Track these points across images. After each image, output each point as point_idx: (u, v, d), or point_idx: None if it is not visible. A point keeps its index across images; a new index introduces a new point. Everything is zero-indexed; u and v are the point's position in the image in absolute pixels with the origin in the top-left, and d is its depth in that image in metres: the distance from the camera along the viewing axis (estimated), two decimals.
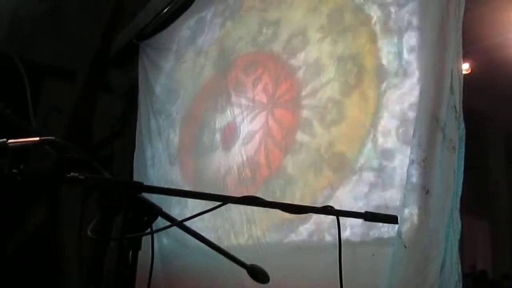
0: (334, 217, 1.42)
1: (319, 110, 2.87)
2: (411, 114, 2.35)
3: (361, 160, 2.56)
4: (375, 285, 2.24)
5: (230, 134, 3.51)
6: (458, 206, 2.12)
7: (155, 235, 1.22)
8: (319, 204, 2.50)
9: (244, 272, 1.26)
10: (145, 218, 1.20)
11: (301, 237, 2.77)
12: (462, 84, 2.20)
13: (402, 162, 2.34)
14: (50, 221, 4.87)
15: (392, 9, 2.62)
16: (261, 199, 1.35)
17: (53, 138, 1.25)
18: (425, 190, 2.13)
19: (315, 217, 2.68)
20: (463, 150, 2.17)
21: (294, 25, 3.22)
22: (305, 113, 2.97)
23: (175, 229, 1.26)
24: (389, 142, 2.47)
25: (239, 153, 3.36)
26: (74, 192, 4.58)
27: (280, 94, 3.21)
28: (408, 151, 2.25)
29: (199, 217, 1.21)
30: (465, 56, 2.39)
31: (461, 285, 2.05)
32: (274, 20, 3.40)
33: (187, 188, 3.79)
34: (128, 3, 5.11)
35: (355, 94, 2.71)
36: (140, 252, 1.20)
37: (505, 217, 7.93)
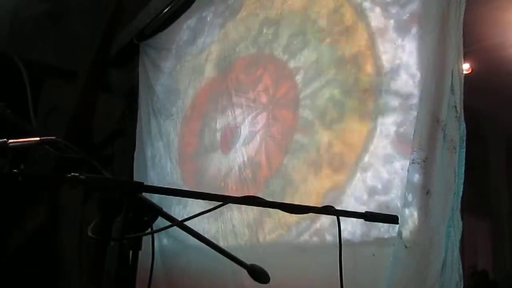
0: (334, 217, 1.42)
1: (320, 110, 2.87)
2: (412, 114, 2.35)
3: (361, 160, 2.56)
4: (375, 285, 2.24)
5: (230, 134, 3.52)
6: (459, 206, 2.12)
7: (155, 235, 1.22)
8: (319, 204, 2.50)
9: (244, 272, 1.26)
10: (145, 218, 1.20)
11: (301, 237, 2.77)
12: (462, 84, 2.20)
13: (402, 162, 2.34)
14: (50, 221, 4.87)
15: (392, 10, 2.62)
16: (262, 199, 1.35)
17: (53, 138, 1.25)
18: (425, 190, 2.12)
19: (315, 217, 2.68)
20: (464, 150, 2.17)
21: (294, 25, 3.22)
22: (305, 113, 2.97)
23: (175, 229, 1.26)
24: (389, 142, 2.47)
25: (240, 153, 3.36)
26: (74, 192, 4.59)
27: (280, 94, 3.21)
28: (408, 151, 2.25)
29: (200, 217, 1.21)
30: (466, 56, 2.39)
31: (462, 285, 2.05)
32: (274, 21, 3.40)
33: (187, 188, 3.79)
34: (128, 3, 5.10)
35: (355, 94, 2.71)
36: (140, 252, 1.20)
37: (506, 217, 7.93)
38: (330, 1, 3.01)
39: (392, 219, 1.54)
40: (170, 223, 1.23)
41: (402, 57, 2.52)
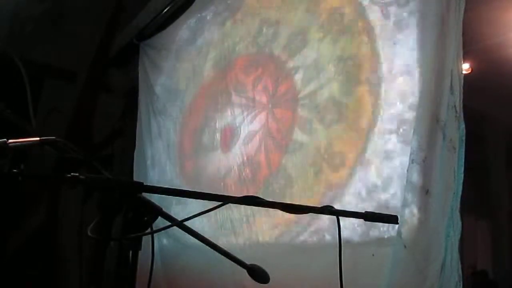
0: (334, 217, 1.42)
1: (319, 110, 2.87)
2: (411, 114, 2.35)
3: (361, 160, 2.56)
4: (375, 285, 2.24)
5: (230, 134, 3.52)
6: (458, 206, 2.12)
7: (155, 235, 1.22)
8: (319, 204, 2.50)
9: (244, 272, 1.26)
10: (145, 218, 1.20)
11: (301, 237, 2.77)
12: (462, 84, 2.20)
13: (402, 162, 2.34)
14: (50, 221, 4.87)
15: (392, 9, 2.62)
16: (261, 199, 1.35)
17: (53, 138, 1.25)
18: (425, 190, 2.13)
19: (315, 217, 2.68)
20: (463, 150, 2.17)
21: (294, 25, 3.22)
22: (305, 113, 2.97)
23: (175, 229, 1.26)
24: (389, 142, 2.46)
25: (239, 153, 3.36)
26: (74, 192, 4.59)
27: (280, 94, 3.21)
28: (408, 151, 2.25)
29: (199, 216, 1.21)
30: (465, 56, 2.39)
31: (461, 285, 2.05)
32: (274, 20, 3.40)
33: (187, 187, 3.79)
34: (128, 3, 5.11)
35: (354, 94, 2.71)
36: (140, 252, 1.20)
37: (505, 217, 7.93)
38: (329, 0, 3.01)
39: (391, 219, 1.54)
40: (170, 223, 1.23)
41: (401, 56, 2.52)
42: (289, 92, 3.13)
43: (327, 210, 1.40)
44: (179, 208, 3.60)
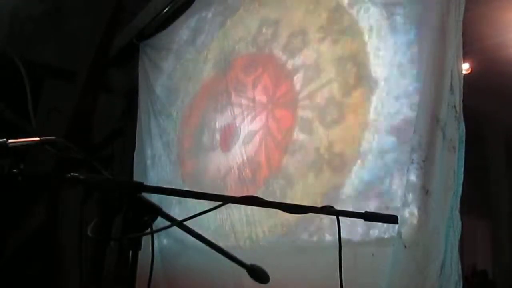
0: (334, 217, 1.42)
1: (319, 110, 2.87)
2: (411, 114, 2.35)
3: (361, 160, 2.56)
4: (375, 285, 2.24)
5: (230, 134, 3.52)
6: (458, 206, 2.12)
7: (155, 235, 1.22)
8: (319, 203, 2.50)
9: (244, 272, 1.26)
10: (145, 218, 1.20)
11: (301, 237, 2.77)
12: (462, 84, 2.20)
13: (402, 162, 2.34)
14: (50, 221, 4.87)
15: (392, 9, 2.62)
16: (261, 199, 1.35)
17: (53, 138, 1.25)
18: (425, 190, 2.13)
19: (314, 217, 2.68)
20: (463, 150, 2.17)
21: (294, 25, 3.23)
22: (305, 113, 2.97)
23: (175, 229, 1.26)
24: (389, 142, 2.47)
25: (239, 153, 3.36)
26: (74, 192, 4.59)
27: (280, 94, 3.21)
28: (408, 151, 2.25)
29: (199, 217, 1.21)
30: (465, 56, 2.39)
31: (461, 285, 2.05)
32: (274, 20, 3.40)
33: (187, 187, 3.79)
34: (128, 3, 5.11)
35: (354, 94, 2.71)
36: (140, 252, 1.20)
37: (505, 217, 7.94)
38: (329, 0, 3.01)
39: (391, 219, 1.54)
40: (170, 223, 1.23)
41: (401, 57, 2.52)
42: (289, 93, 3.13)
43: (327, 210, 1.40)
44: (179, 208, 3.60)
